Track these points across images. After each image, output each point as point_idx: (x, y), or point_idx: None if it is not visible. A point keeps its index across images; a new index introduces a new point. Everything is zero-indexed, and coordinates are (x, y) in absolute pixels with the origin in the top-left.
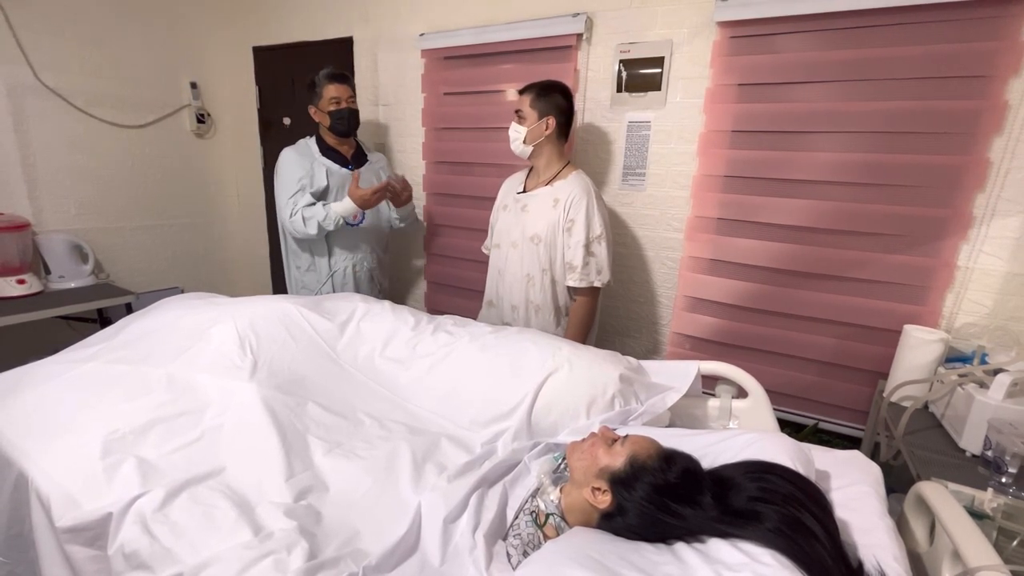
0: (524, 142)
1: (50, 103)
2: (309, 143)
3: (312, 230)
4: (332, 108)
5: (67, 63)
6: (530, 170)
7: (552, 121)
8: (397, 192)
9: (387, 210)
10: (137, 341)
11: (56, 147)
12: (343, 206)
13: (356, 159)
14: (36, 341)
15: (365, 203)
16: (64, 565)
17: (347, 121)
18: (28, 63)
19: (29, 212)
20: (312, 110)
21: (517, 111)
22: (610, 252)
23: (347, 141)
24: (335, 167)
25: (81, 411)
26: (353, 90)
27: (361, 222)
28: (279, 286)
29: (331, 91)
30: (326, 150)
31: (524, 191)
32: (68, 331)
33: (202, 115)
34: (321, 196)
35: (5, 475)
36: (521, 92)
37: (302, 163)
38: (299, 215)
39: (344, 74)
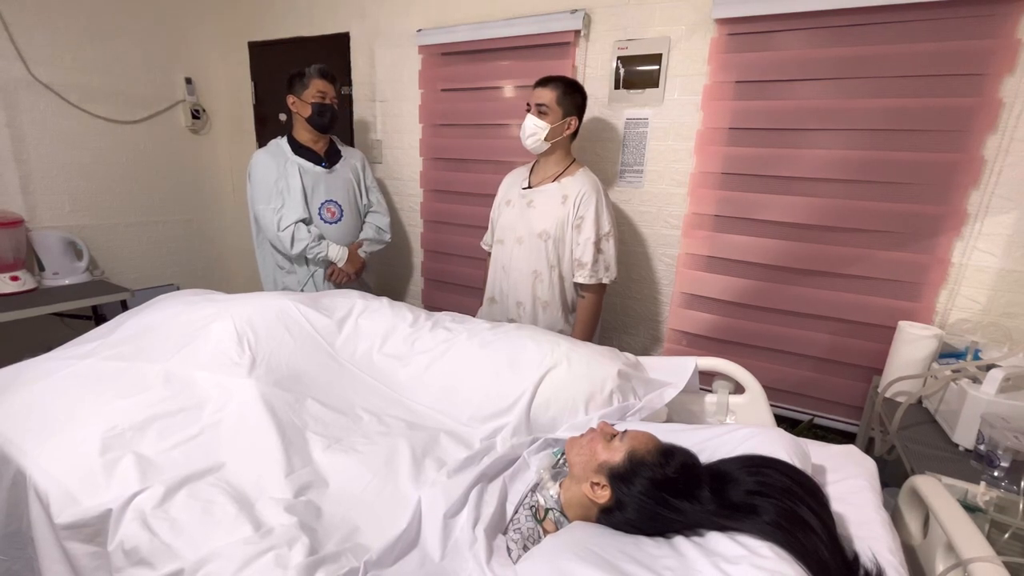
0: (546, 138)
1: (44, 98)
2: (280, 143)
3: (295, 252)
4: (315, 100)
5: (61, 58)
6: (533, 165)
7: (575, 122)
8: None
9: (364, 209)
10: (134, 338)
11: (50, 143)
12: (337, 252)
13: (330, 156)
14: (30, 338)
15: (352, 265)
16: (63, 561)
17: (328, 116)
18: (21, 58)
19: (23, 208)
20: (292, 100)
21: (539, 104)
22: (617, 249)
23: (321, 138)
24: (308, 165)
25: (79, 408)
26: (339, 93)
27: (340, 220)
28: None
29: (319, 85)
30: (299, 148)
31: (529, 187)
32: (63, 328)
33: (197, 111)
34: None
35: (3, 472)
36: (542, 84)
37: (275, 165)
38: (289, 233)
39: (334, 74)
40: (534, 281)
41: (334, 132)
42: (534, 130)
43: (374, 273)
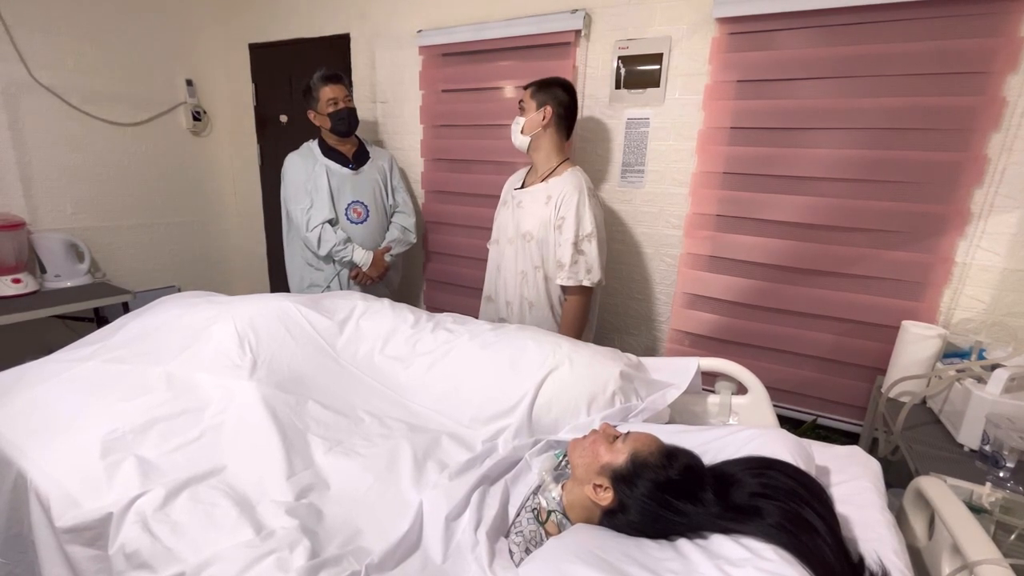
0: (522, 132)
1: (45, 101)
2: (312, 146)
3: (322, 252)
4: (331, 110)
5: (62, 60)
6: (531, 167)
7: (549, 110)
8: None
9: (390, 209)
10: (136, 340)
11: (51, 145)
12: (362, 256)
13: (357, 158)
14: (32, 341)
15: (376, 269)
16: (64, 565)
17: (347, 121)
18: (22, 61)
19: (24, 211)
20: (312, 114)
21: (519, 102)
22: (602, 251)
23: (348, 140)
24: (335, 166)
25: (80, 410)
26: (349, 89)
27: (366, 220)
28: (277, 284)
29: (327, 93)
30: (328, 151)
31: (522, 187)
32: (64, 330)
33: (198, 113)
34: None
35: (4, 475)
36: (525, 88)
37: (305, 167)
38: (317, 234)
39: (338, 74)
40: (521, 281)
41: (359, 132)
42: (514, 127)
43: (399, 273)
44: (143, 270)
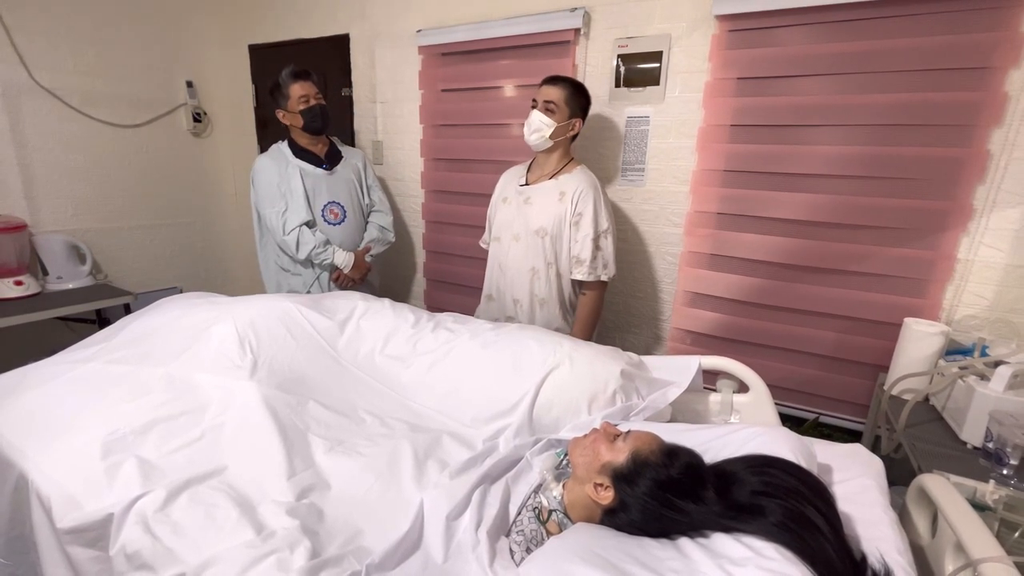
0: (550, 136)
1: (45, 103)
2: (281, 147)
3: (301, 256)
4: (302, 107)
5: (62, 62)
6: (531, 163)
7: (579, 125)
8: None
9: (366, 208)
10: (137, 341)
11: (52, 147)
12: (343, 258)
13: (330, 158)
14: (34, 343)
15: (358, 270)
16: (66, 566)
17: (320, 118)
18: (23, 63)
19: (26, 213)
20: (281, 114)
21: (547, 101)
22: (616, 247)
23: (320, 140)
24: (309, 167)
25: (81, 412)
26: (319, 85)
27: (343, 221)
28: None
29: (297, 90)
30: (299, 152)
31: (527, 184)
32: (67, 332)
33: (198, 114)
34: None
35: (5, 476)
36: (551, 83)
37: (277, 169)
38: (295, 237)
39: (307, 70)
40: (531, 278)
41: (331, 131)
42: (540, 126)
43: (378, 273)
44: (145, 271)
